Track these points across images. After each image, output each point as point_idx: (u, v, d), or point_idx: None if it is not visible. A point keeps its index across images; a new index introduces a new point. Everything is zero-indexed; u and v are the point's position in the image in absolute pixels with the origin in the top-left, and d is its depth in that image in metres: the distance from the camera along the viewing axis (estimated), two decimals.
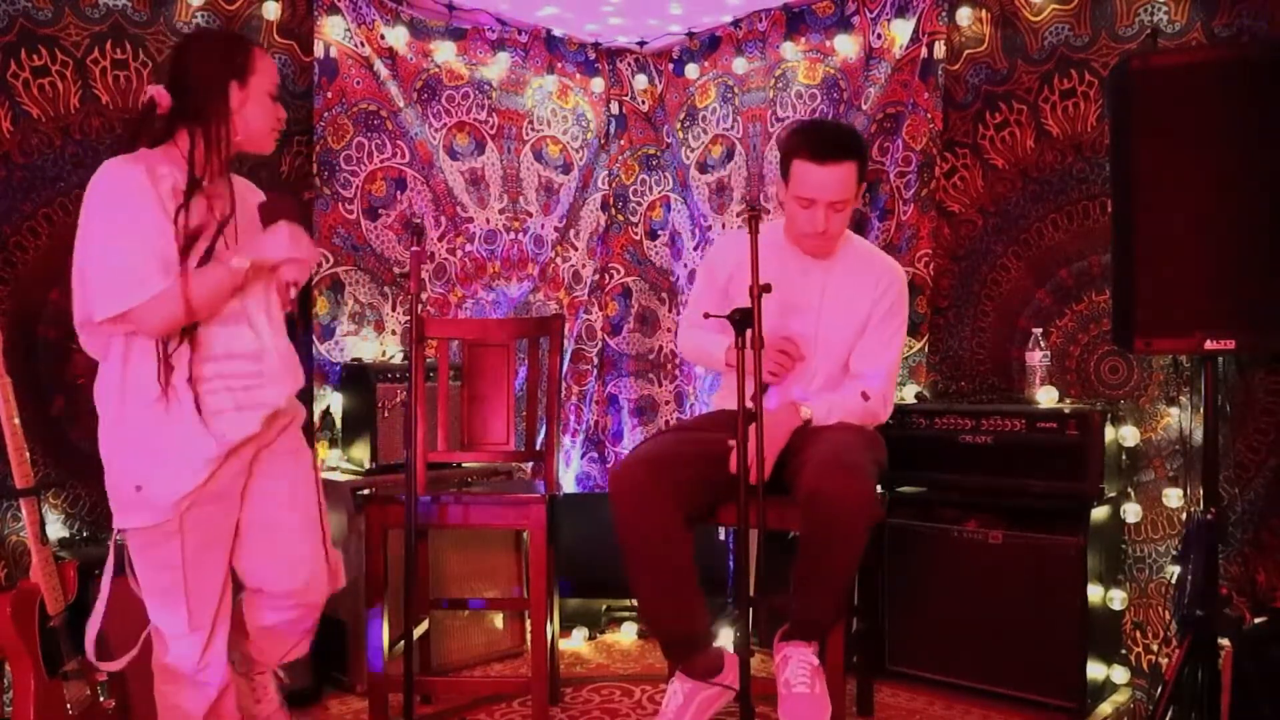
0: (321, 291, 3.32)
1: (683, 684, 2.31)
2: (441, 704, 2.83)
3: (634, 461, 2.31)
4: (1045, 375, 2.90)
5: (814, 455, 2.20)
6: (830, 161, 2.31)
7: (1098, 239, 2.93)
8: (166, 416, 1.92)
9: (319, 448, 3.20)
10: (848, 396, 2.41)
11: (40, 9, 2.72)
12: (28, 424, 2.34)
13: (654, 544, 2.25)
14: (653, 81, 4.13)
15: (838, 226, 2.39)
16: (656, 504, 2.22)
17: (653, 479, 2.23)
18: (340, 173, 3.36)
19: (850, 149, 2.35)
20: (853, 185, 2.36)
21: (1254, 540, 2.63)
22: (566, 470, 4.03)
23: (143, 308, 1.85)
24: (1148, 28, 2.83)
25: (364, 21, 3.38)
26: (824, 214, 2.34)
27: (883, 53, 3.38)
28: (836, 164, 2.32)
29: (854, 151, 2.36)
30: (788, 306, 2.45)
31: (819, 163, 2.31)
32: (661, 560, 2.26)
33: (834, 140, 2.36)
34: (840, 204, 2.35)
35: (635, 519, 2.23)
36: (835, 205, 2.34)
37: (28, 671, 2.22)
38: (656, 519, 2.22)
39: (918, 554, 2.89)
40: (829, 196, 2.33)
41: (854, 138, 2.48)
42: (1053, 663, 2.63)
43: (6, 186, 2.66)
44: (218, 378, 1.96)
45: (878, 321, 2.47)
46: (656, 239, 4.16)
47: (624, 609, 3.61)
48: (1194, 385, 2.67)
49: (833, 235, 2.41)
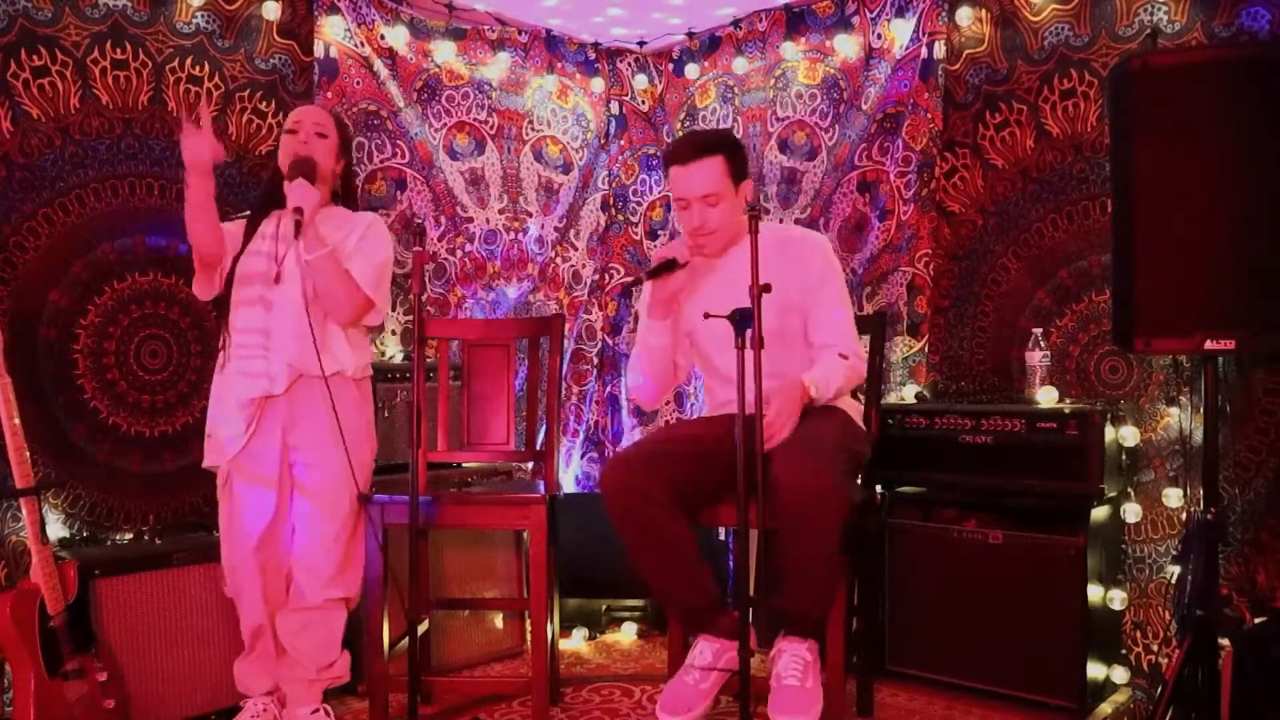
0: None
1: (710, 643, 2.35)
2: (441, 704, 2.83)
3: (622, 456, 2.37)
4: (1045, 375, 2.89)
5: (781, 448, 2.20)
6: (691, 161, 2.40)
7: (1098, 239, 2.93)
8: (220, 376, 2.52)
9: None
10: (829, 364, 2.39)
11: (40, 9, 2.72)
12: (28, 424, 2.34)
13: (649, 526, 2.27)
14: (653, 81, 4.13)
15: (715, 220, 2.42)
16: (646, 489, 2.25)
17: (642, 468, 2.28)
18: None
19: (710, 146, 2.42)
20: (719, 178, 2.40)
21: (1254, 540, 2.63)
22: (566, 470, 4.03)
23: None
24: (1148, 28, 2.83)
25: (364, 21, 3.38)
26: (698, 210, 2.41)
27: (883, 53, 3.38)
28: (697, 161, 2.40)
29: (715, 147, 2.42)
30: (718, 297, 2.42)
31: (681, 164, 2.41)
32: (660, 538, 2.28)
33: (692, 141, 2.49)
34: (711, 197, 2.40)
35: (627, 507, 2.27)
36: (707, 199, 2.40)
37: (28, 671, 2.22)
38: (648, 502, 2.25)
39: (918, 554, 2.89)
40: (696, 192, 2.40)
41: (717, 135, 2.61)
42: (1053, 663, 2.63)
43: (6, 186, 2.66)
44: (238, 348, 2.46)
45: (815, 292, 2.46)
46: (656, 239, 4.16)
47: (624, 609, 3.61)
48: (1194, 385, 2.67)
49: (713, 229, 2.43)
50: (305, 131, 2.53)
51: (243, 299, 2.46)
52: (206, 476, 3.00)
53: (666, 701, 2.28)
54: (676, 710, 2.25)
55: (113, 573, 2.51)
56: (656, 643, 3.41)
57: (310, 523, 2.46)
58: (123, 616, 2.52)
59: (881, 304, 3.36)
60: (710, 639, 2.36)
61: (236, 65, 3.10)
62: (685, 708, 2.26)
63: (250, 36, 3.13)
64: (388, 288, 2.59)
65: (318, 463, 2.45)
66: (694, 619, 2.40)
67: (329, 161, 2.55)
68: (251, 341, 2.44)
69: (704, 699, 2.29)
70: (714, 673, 2.31)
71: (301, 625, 2.48)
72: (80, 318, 2.79)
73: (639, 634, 3.54)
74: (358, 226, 2.54)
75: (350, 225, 2.53)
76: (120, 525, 2.82)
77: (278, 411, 2.44)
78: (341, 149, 2.60)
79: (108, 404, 2.83)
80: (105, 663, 2.40)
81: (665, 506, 2.26)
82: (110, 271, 2.85)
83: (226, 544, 2.50)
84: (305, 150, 2.49)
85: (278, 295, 2.43)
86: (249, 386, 2.42)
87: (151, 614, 2.57)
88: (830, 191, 3.54)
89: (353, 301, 2.45)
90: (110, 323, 2.85)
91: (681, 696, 2.27)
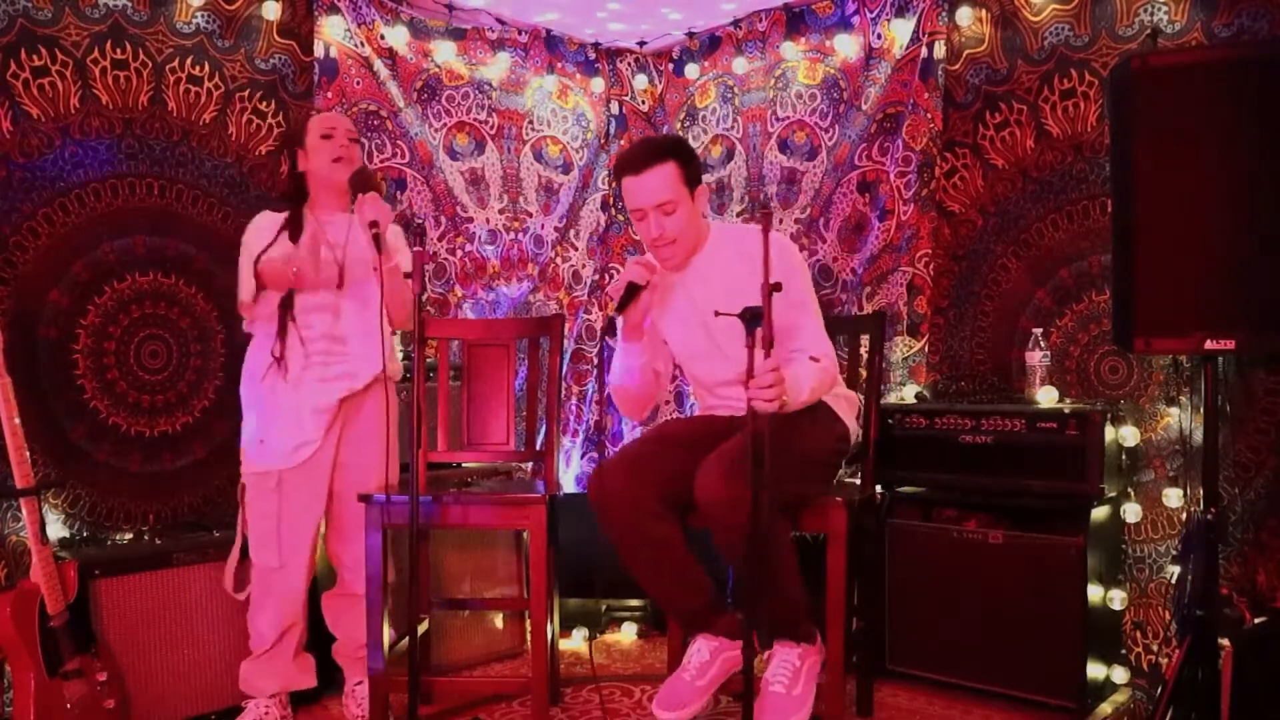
0: None
1: (708, 642, 2.35)
2: (441, 704, 2.82)
3: (608, 464, 2.36)
4: (1045, 375, 2.89)
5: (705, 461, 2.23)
6: (642, 169, 2.34)
7: (1098, 239, 2.93)
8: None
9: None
10: (801, 367, 2.31)
11: (40, 9, 2.72)
12: (28, 424, 2.34)
13: (640, 533, 2.28)
14: (653, 81, 4.13)
15: (674, 228, 2.36)
16: (635, 497, 2.25)
17: (628, 475, 2.28)
18: None
19: (662, 152, 2.36)
20: (672, 185, 2.34)
21: (1254, 540, 2.63)
22: (566, 470, 4.03)
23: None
24: (1148, 28, 2.83)
25: (364, 21, 3.38)
26: (655, 220, 2.35)
27: (883, 53, 3.38)
28: (648, 169, 2.34)
29: (665, 154, 2.36)
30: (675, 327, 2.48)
31: (634, 173, 2.36)
32: (651, 544, 2.29)
33: (642, 150, 2.42)
34: (668, 204, 2.34)
35: (616, 516, 2.28)
36: (663, 208, 2.34)
37: (28, 671, 2.22)
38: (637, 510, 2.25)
39: (918, 554, 2.89)
40: (651, 201, 2.34)
41: (668, 141, 2.63)
42: (1053, 663, 2.63)
43: (6, 186, 2.66)
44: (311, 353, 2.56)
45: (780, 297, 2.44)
46: None
47: (624, 609, 3.61)
48: (1194, 385, 2.67)
49: (672, 238, 2.38)
50: (341, 137, 2.61)
51: (308, 305, 2.54)
52: (206, 476, 3.02)
53: (663, 697, 2.28)
54: (672, 706, 2.25)
55: (113, 573, 2.51)
56: (656, 643, 3.41)
57: (358, 519, 2.53)
58: (123, 616, 2.52)
59: (881, 304, 3.36)
60: (708, 638, 2.36)
61: (236, 65, 3.10)
62: (681, 704, 2.26)
63: (250, 36, 3.13)
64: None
65: (366, 462, 2.59)
66: (692, 620, 2.40)
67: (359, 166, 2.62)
68: (324, 348, 2.55)
69: (700, 696, 2.29)
70: (711, 671, 2.31)
71: (346, 608, 2.66)
72: (80, 318, 2.79)
73: (639, 634, 3.54)
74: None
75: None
76: (120, 525, 2.82)
77: (339, 413, 2.57)
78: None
79: (108, 404, 2.83)
80: (105, 663, 2.40)
81: (654, 513, 2.26)
82: (110, 271, 2.85)
83: (274, 545, 2.52)
84: (345, 163, 2.57)
85: (344, 300, 2.55)
86: (329, 390, 2.54)
87: (151, 614, 2.57)
88: (830, 191, 3.54)
89: (410, 310, 2.46)
90: (110, 323, 2.85)
91: (677, 693, 2.27)
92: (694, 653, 2.34)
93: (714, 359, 2.46)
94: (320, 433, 2.53)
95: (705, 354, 2.48)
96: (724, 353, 2.42)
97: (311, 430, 2.52)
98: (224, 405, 2.98)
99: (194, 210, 3.01)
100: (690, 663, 2.32)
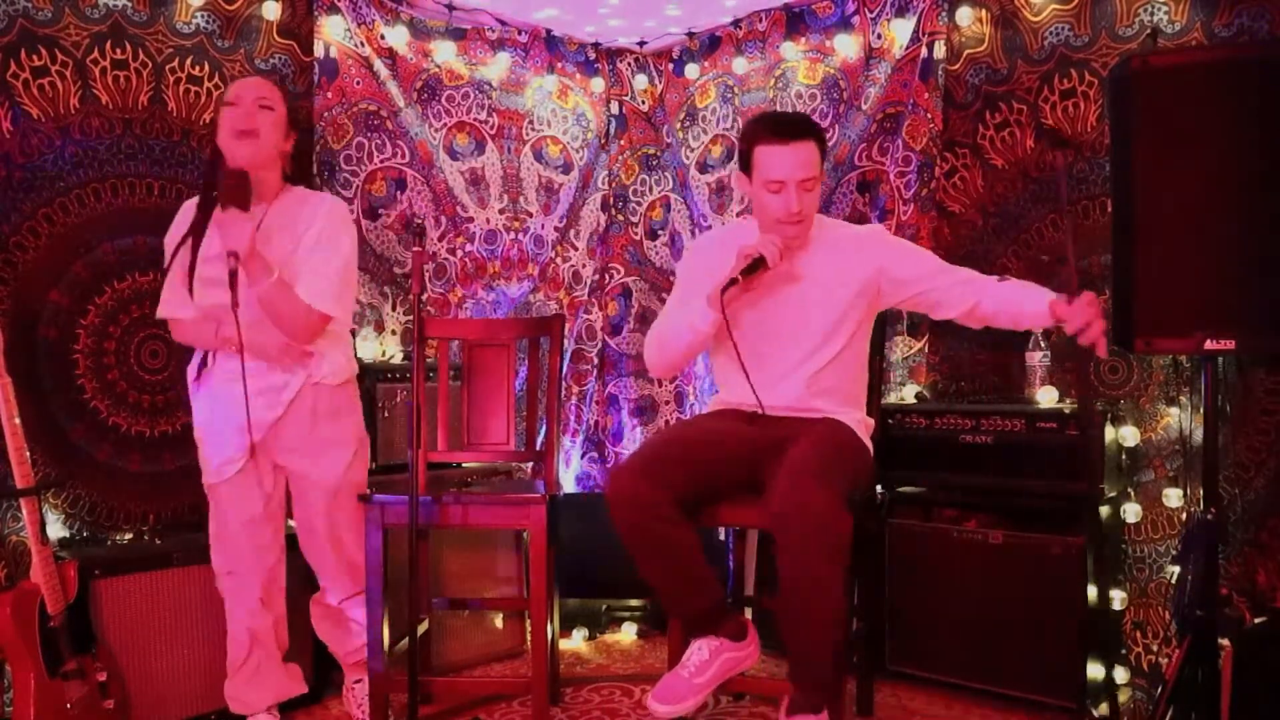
0: None
1: (709, 642, 2.33)
2: (441, 704, 2.83)
3: (628, 465, 2.32)
4: (1045, 375, 2.89)
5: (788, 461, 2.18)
6: (794, 140, 2.29)
7: (1098, 239, 2.93)
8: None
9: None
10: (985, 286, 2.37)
11: (40, 9, 2.72)
12: (28, 424, 2.34)
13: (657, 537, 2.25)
14: (653, 81, 4.13)
15: (810, 206, 2.36)
16: (654, 502, 2.22)
17: (649, 479, 2.23)
18: (340, 173, 3.36)
19: (810, 128, 2.35)
20: (817, 163, 2.33)
21: (1254, 540, 2.63)
22: (566, 470, 4.03)
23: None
24: (1148, 28, 2.83)
25: (364, 21, 3.38)
26: (795, 194, 2.30)
27: (883, 53, 3.38)
28: (800, 141, 2.29)
29: (814, 130, 2.35)
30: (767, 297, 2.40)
31: (783, 142, 2.29)
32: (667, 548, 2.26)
33: (793, 120, 2.39)
34: (809, 181, 2.32)
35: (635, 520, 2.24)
36: (805, 184, 2.31)
37: (28, 671, 2.22)
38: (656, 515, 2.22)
39: (918, 554, 2.89)
40: (798, 175, 2.29)
41: (810, 119, 2.51)
42: (1053, 663, 2.63)
43: (6, 186, 2.66)
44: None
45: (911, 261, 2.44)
46: (656, 239, 4.16)
47: (624, 609, 3.61)
48: (1194, 385, 2.67)
49: (807, 216, 2.37)
50: (246, 105, 2.31)
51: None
52: None
53: (659, 692, 2.27)
54: (668, 700, 2.25)
55: (113, 573, 2.51)
56: (656, 643, 3.41)
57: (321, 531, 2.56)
58: (123, 616, 2.52)
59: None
60: (710, 638, 2.35)
61: (236, 65, 3.10)
62: (677, 698, 2.25)
63: (250, 36, 3.13)
64: (349, 292, 2.47)
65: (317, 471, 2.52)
66: (698, 621, 2.37)
67: (276, 138, 2.35)
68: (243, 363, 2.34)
69: (697, 694, 2.28)
70: (711, 670, 2.30)
71: (322, 615, 2.65)
72: (80, 318, 2.79)
73: (639, 634, 3.54)
74: (315, 220, 2.38)
75: (307, 217, 2.39)
76: (120, 525, 2.82)
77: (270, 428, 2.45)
78: (290, 122, 2.41)
79: (108, 404, 2.83)
80: (105, 663, 2.40)
81: (672, 518, 2.23)
82: (110, 271, 2.85)
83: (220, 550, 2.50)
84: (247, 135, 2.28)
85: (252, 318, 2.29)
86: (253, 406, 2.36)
87: (151, 614, 2.57)
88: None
89: (308, 324, 2.34)
90: (110, 323, 2.85)
91: (674, 688, 2.27)
92: (694, 651, 2.34)
93: (787, 342, 2.41)
94: (244, 451, 2.37)
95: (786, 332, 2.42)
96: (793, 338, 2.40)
97: (235, 448, 2.38)
98: None
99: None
100: (690, 660, 2.32)
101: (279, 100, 2.39)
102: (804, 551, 2.07)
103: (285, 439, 2.43)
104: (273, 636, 2.53)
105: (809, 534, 2.07)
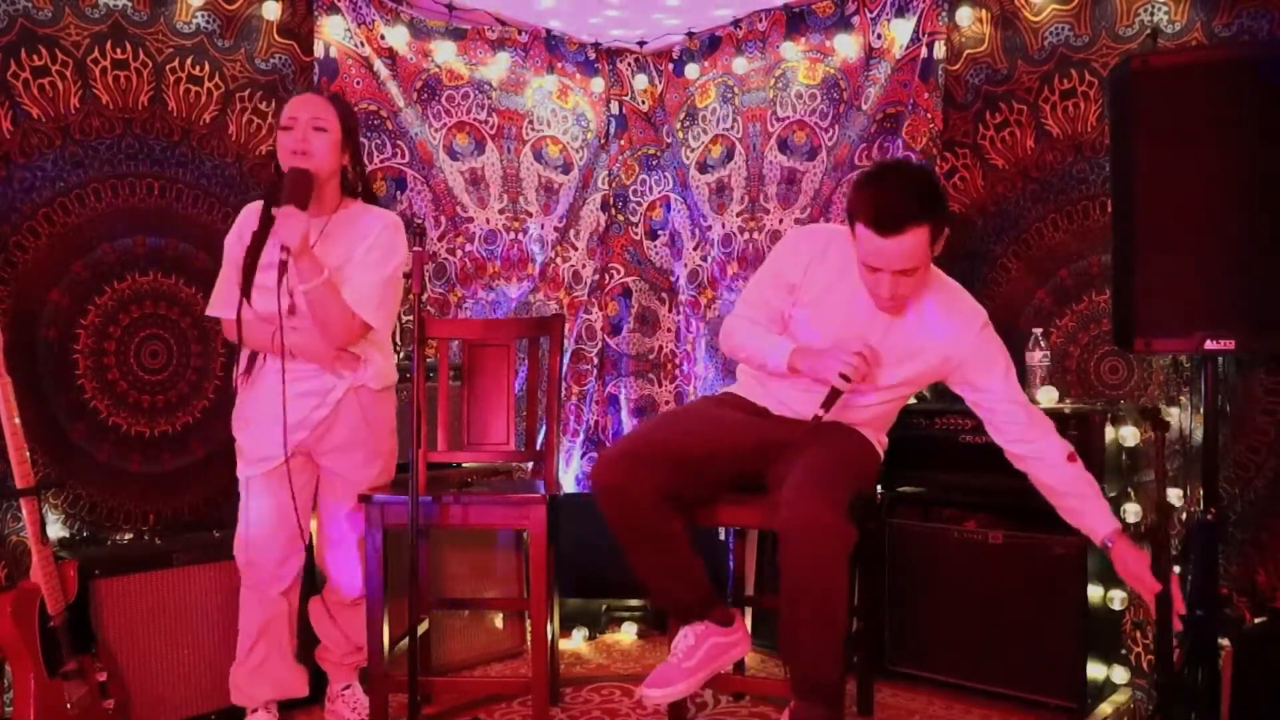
0: None
1: (694, 628, 2.34)
2: (441, 704, 2.82)
3: (614, 453, 2.32)
4: (1045, 375, 2.89)
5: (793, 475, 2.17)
6: (892, 234, 2.08)
7: (1098, 239, 2.93)
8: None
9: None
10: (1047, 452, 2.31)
11: (40, 9, 2.72)
12: (28, 424, 2.34)
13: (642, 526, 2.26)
14: (653, 81, 4.13)
15: (907, 289, 2.20)
16: (639, 491, 2.22)
17: (634, 468, 2.23)
18: None
19: (917, 213, 2.09)
20: (922, 251, 2.12)
21: (1254, 540, 2.63)
22: (566, 470, 4.03)
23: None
24: (1148, 28, 2.83)
25: (364, 21, 3.38)
26: (890, 281, 2.15)
27: (883, 53, 3.38)
28: (899, 234, 2.08)
29: (922, 215, 2.09)
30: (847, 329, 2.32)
31: (880, 234, 2.09)
32: (653, 537, 2.27)
33: (898, 208, 2.09)
34: (908, 271, 2.14)
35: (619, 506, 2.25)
36: (904, 273, 2.15)
37: (28, 671, 2.22)
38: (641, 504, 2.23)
39: (918, 554, 2.88)
40: (895, 266, 2.13)
41: (923, 197, 2.13)
42: (1053, 663, 2.63)
43: (6, 186, 2.66)
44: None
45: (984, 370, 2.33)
46: (656, 239, 4.16)
47: (624, 609, 3.61)
48: (1194, 385, 2.67)
49: (901, 299, 2.23)
50: (302, 127, 2.36)
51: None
52: (206, 476, 3.02)
53: (650, 679, 2.30)
54: (657, 684, 2.27)
55: (113, 573, 2.51)
56: (656, 643, 3.41)
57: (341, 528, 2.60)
58: (123, 616, 2.52)
59: None
60: (695, 624, 2.36)
61: (236, 65, 3.10)
62: (665, 682, 2.27)
63: (250, 36, 3.13)
64: (392, 304, 2.49)
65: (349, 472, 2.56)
66: (686, 611, 2.39)
67: (332, 158, 2.40)
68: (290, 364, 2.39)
69: (686, 677, 2.29)
70: (698, 654, 2.31)
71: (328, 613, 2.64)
72: (80, 318, 2.79)
73: (639, 634, 3.54)
74: (370, 233, 2.43)
75: (364, 231, 2.44)
76: (120, 525, 2.82)
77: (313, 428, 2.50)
78: (345, 140, 2.43)
79: (108, 404, 2.83)
80: (105, 663, 2.40)
81: (658, 507, 2.23)
82: (110, 271, 2.85)
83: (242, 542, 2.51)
84: (302, 156, 2.34)
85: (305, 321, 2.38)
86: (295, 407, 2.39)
87: (151, 614, 2.57)
88: (830, 191, 3.54)
89: (348, 327, 2.38)
90: (110, 323, 2.85)
91: (664, 674, 2.29)
92: (680, 638, 2.35)
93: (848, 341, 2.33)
94: (282, 448, 2.37)
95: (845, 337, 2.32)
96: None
97: (275, 445, 2.39)
98: (224, 405, 2.98)
99: (194, 210, 3.01)
100: (677, 648, 2.34)
101: (333, 119, 2.40)
102: (810, 566, 2.07)
103: (329, 439, 2.49)
104: (284, 631, 2.55)
105: (816, 549, 2.06)
